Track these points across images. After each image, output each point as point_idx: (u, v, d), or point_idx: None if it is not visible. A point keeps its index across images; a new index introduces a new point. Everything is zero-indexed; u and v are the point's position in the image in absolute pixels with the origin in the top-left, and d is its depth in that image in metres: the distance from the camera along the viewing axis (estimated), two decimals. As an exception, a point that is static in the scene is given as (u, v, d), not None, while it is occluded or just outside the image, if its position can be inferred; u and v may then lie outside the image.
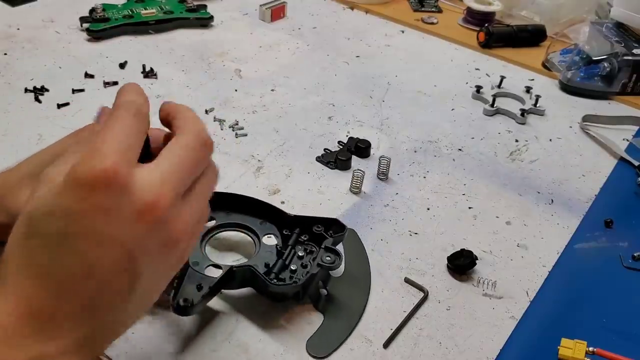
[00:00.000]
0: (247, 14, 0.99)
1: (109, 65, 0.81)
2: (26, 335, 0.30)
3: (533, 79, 0.87)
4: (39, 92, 0.74)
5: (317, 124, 0.74)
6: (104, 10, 0.89)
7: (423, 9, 1.04)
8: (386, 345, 0.48)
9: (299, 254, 0.50)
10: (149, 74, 0.80)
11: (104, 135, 0.32)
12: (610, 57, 0.83)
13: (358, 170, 0.63)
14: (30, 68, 0.79)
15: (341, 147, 0.69)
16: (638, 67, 0.82)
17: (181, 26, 0.92)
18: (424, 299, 0.52)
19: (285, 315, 0.49)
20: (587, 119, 0.78)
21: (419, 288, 0.53)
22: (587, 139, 0.76)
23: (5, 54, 0.81)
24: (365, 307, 0.51)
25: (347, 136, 0.71)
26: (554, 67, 0.88)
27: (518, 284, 0.54)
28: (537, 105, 0.79)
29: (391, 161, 0.65)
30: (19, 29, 0.88)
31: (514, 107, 0.79)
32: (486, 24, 0.95)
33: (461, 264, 0.54)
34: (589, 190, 0.67)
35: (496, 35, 0.93)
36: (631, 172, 0.70)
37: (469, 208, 0.63)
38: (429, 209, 0.62)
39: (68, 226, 0.31)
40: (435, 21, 1.01)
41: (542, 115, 0.79)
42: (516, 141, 0.74)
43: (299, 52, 0.90)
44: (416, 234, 0.59)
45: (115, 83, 0.77)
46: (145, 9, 0.92)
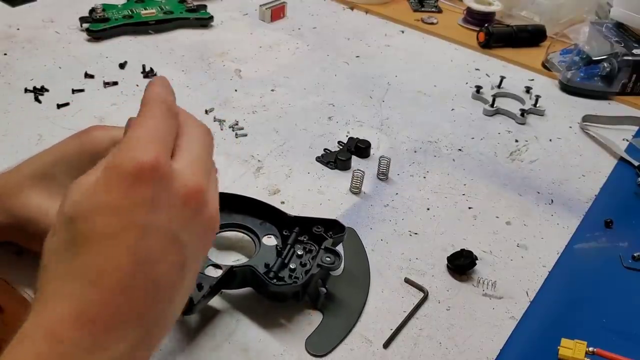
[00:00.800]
0: (247, 14, 0.99)
1: (108, 66, 0.81)
2: (80, 348, 0.29)
3: (533, 79, 0.87)
4: (38, 92, 0.74)
5: (317, 124, 0.74)
6: (103, 10, 0.89)
7: (423, 9, 1.04)
8: (386, 345, 0.48)
9: (298, 252, 0.50)
10: (148, 74, 0.80)
11: (138, 130, 0.32)
12: (610, 57, 0.83)
13: (358, 170, 0.63)
14: (30, 68, 0.79)
15: (341, 147, 0.69)
16: (638, 67, 0.82)
17: (181, 26, 0.93)
18: (424, 299, 0.52)
19: (285, 314, 0.49)
20: (587, 119, 0.78)
21: (419, 288, 0.53)
22: (587, 139, 0.76)
23: (5, 54, 0.81)
24: (365, 305, 0.51)
25: (347, 136, 0.71)
26: (553, 67, 0.88)
27: (518, 284, 0.54)
28: (537, 106, 0.79)
29: (391, 161, 0.65)
30: (19, 29, 0.88)
31: (514, 107, 0.79)
32: (486, 24, 0.95)
33: (461, 264, 0.54)
34: (589, 191, 0.67)
35: (496, 35, 0.93)
36: (631, 172, 0.70)
37: (469, 208, 0.63)
38: (429, 209, 0.62)
39: (116, 222, 0.30)
40: (435, 21, 1.01)
41: (542, 115, 0.79)
42: (516, 141, 0.74)
43: (299, 52, 0.90)
44: (416, 234, 0.59)
45: (115, 83, 0.77)
46: (145, 9, 0.92)
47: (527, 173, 0.69)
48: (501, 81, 0.83)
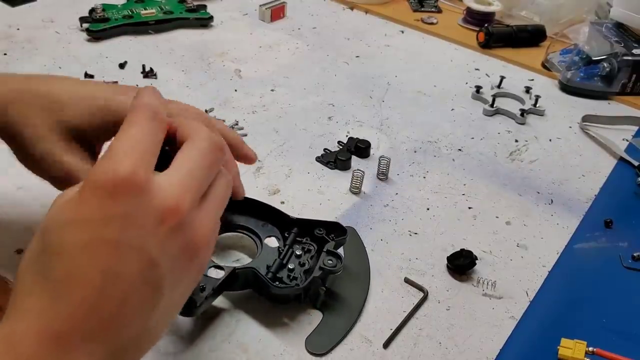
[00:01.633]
0: (247, 14, 0.99)
1: (108, 66, 0.81)
2: None
3: (533, 79, 0.87)
4: (38, 92, 0.74)
5: (317, 124, 0.74)
6: (103, 10, 0.89)
7: (423, 9, 1.04)
8: (386, 345, 0.48)
9: (297, 253, 0.50)
10: (148, 74, 0.80)
11: (120, 140, 0.31)
12: (609, 57, 0.83)
13: (358, 170, 0.63)
14: (30, 68, 0.79)
15: (341, 147, 0.69)
16: (638, 67, 0.82)
17: (181, 26, 0.92)
18: (424, 299, 0.52)
19: (285, 314, 0.49)
20: (586, 119, 0.78)
21: (419, 288, 0.53)
22: (587, 139, 0.76)
23: (5, 54, 0.81)
24: (365, 304, 0.51)
25: (347, 136, 0.71)
26: (553, 67, 0.88)
27: (518, 284, 0.54)
28: (537, 106, 0.79)
29: (391, 161, 0.65)
30: (18, 29, 0.88)
31: (514, 107, 0.79)
32: (486, 24, 0.95)
33: (461, 264, 0.54)
34: (588, 191, 0.67)
35: (496, 35, 0.93)
36: (631, 172, 0.70)
37: (469, 208, 0.63)
38: (428, 209, 0.62)
39: (88, 235, 0.29)
40: (435, 21, 1.01)
41: (541, 115, 0.79)
42: (516, 141, 0.74)
43: (298, 52, 0.90)
44: (416, 234, 0.59)
45: (115, 83, 0.77)
46: (145, 9, 0.92)
47: (527, 173, 0.69)
48: (501, 81, 0.83)
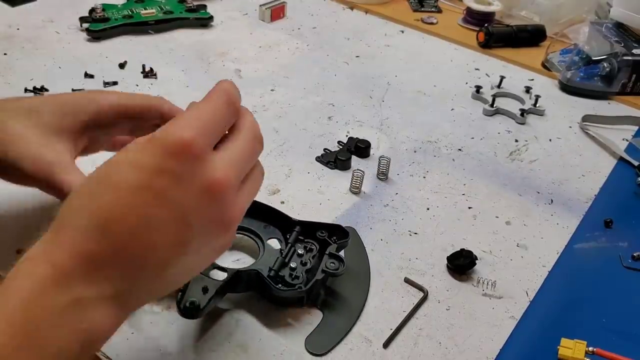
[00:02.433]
0: (247, 14, 0.99)
1: (108, 66, 0.81)
2: (73, 277, 0.31)
3: (533, 79, 0.87)
4: (39, 92, 0.74)
5: (317, 124, 0.74)
6: (103, 10, 0.89)
7: (423, 9, 1.04)
8: (386, 345, 0.48)
9: (299, 252, 0.50)
10: (148, 74, 0.80)
11: (193, 110, 0.35)
12: (609, 57, 0.83)
13: (358, 170, 0.63)
14: (30, 68, 0.79)
15: (341, 147, 0.69)
16: (638, 67, 0.82)
17: (181, 26, 0.92)
18: (424, 299, 0.52)
19: (284, 314, 0.49)
20: (586, 119, 0.78)
21: (419, 288, 0.53)
22: (587, 139, 0.76)
23: (5, 54, 0.81)
24: (365, 304, 0.51)
25: (347, 136, 0.71)
26: (553, 67, 0.88)
27: (518, 284, 0.54)
28: (537, 105, 0.79)
29: (391, 161, 0.65)
30: (19, 29, 0.88)
31: (514, 107, 0.79)
32: (486, 24, 0.95)
33: (461, 264, 0.54)
34: (588, 190, 0.67)
35: (496, 35, 0.93)
36: (631, 172, 0.70)
37: (469, 208, 0.63)
38: (428, 209, 0.62)
39: (141, 180, 0.33)
40: (435, 21, 1.01)
41: (541, 115, 0.79)
42: (516, 141, 0.74)
43: (298, 52, 0.90)
44: (416, 234, 0.59)
45: (115, 83, 0.77)
46: (145, 9, 0.92)
47: (527, 173, 0.69)
48: (501, 81, 0.83)
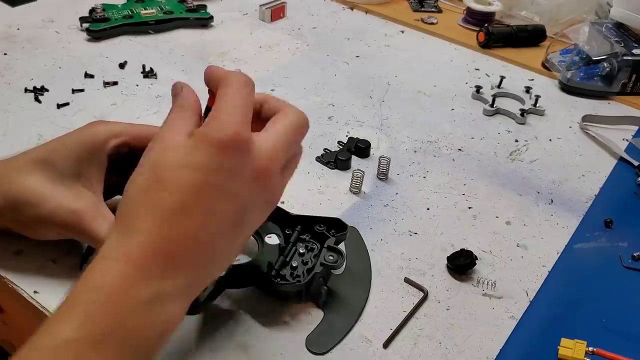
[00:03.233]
0: (247, 14, 0.99)
1: (108, 65, 0.81)
2: (152, 273, 0.33)
3: (533, 79, 0.87)
4: (38, 92, 0.74)
5: (317, 124, 0.74)
6: (103, 10, 0.89)
7: (423, 9, 1.04)
8: (386, 345, 0.48)
9: (300, 251, 0.50)
10: (148, 74, 0.80)
11: (222, 103, 0.37)
12: (610, 57, 0.83)
13: (358, 170, 0.63)
14: (30, 68, 0.79)
15: (341, 147, 0.69)
16: (638, 67, 0.82)
17: (181, 26, 0.92)
18: (424, 299, 0.52)
19: (285, 313, 0.49)
20: (586, 119, 0.78)
21: (419, 288, 0.53)
22: (587, 139, 0.76)
23: (5, 54, 0.81)
24: (366, 303, 0.51)
25: (347, 136, 0.71)
26: (553, 67, 0.88)
27: (518, 284, 0.54)
28: (537, 105, 0.79)
29: (391, 161, 0.65)
30: (19, 29, 0.88)
31: (514, 107, 0.79)
32: (486, 24, 0.95)
33: (461, 264, 0.54)
34: (588, 190, 0.67)
35: (496, 35, 0.93)
36: (631, 172, 0.70)
37: (469, 208, 0.63)
38: (428, 209, 0.62)
39: (199, 179, 0.35)
40: (435, 21, 1.01)
41: (541, 115, 0.79)
42: (516, 141, 0.74)
43: (298, 52, 0.90)
44: (416, 234, 0.59)
45: (115, 83, 0.77)
46: (145, 9, 0.92)
47: (527, 173, 0.69)
48: (501, 81, 0.83)
